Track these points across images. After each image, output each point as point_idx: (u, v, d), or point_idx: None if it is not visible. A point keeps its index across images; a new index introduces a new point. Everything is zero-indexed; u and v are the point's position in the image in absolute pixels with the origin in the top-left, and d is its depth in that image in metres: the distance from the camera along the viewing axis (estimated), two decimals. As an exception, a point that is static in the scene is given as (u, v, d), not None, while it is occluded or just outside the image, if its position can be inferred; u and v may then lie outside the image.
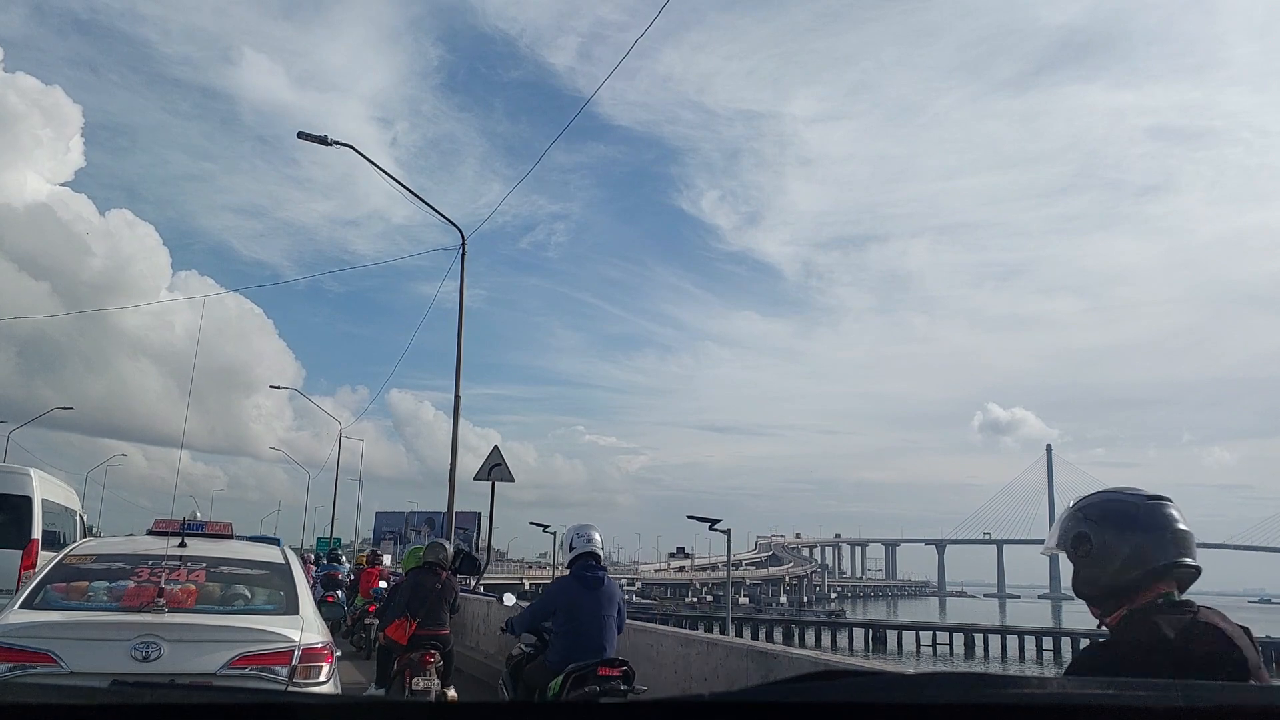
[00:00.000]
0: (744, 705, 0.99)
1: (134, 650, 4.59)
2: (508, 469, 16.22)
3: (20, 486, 11.00)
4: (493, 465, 16.06)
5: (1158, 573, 2.03)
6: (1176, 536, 2.06)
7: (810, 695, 0.98)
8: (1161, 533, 2.06)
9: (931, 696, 0.95)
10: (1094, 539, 2.09)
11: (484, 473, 16.05)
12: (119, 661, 4.53)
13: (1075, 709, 0.93)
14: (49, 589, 5.17)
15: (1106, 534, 2.07)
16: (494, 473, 16.07)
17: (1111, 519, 2.09)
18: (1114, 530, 2.07)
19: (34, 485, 11.08)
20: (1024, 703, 0.93)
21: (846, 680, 1.04)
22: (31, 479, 11.18)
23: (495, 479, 16.14)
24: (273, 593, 5.53)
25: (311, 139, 16.56)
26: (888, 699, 0.97)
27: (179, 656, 4.66)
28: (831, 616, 76.28)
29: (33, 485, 11.06)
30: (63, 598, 5.12)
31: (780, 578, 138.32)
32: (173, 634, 4.71)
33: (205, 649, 4.74)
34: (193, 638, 4.80)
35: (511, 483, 16.46)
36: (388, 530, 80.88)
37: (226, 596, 5.43)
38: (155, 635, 4.64)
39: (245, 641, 4.81)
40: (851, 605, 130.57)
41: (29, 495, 10.93)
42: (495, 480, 16.14)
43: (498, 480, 16.17)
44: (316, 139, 16.56)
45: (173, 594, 5.09)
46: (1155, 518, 2.08)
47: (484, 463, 16.22)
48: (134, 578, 5.25)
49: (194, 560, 5.46)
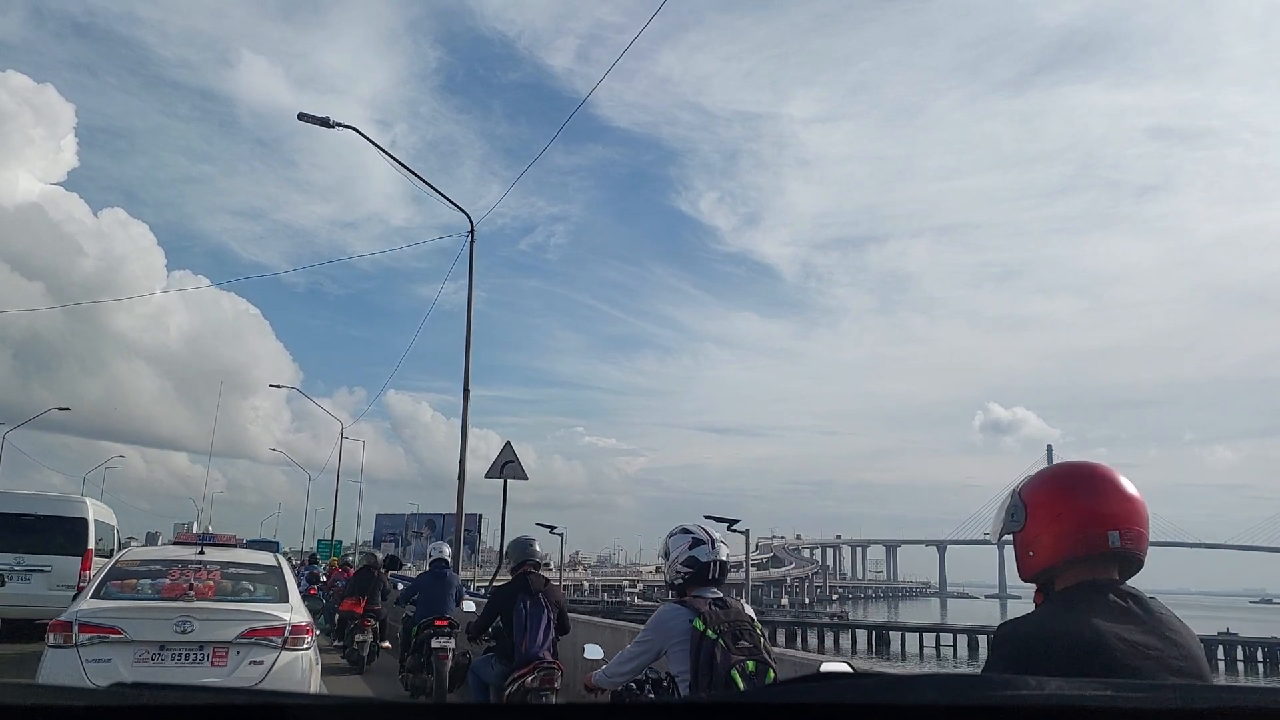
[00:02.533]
0: (739, 707, 0.99)
1: (175, 626, 6.58)
2: (520, 466, 15.49)
3: (79, 511, 15.31)
4: (505, 462, 15.39)
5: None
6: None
7: (805, 696, 0.98)
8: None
9: (926, 698, 0.95)
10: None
11: (496, 470, 15.43)
12: (166, 633, 6.56)
13: (1070, 710, 0.92)
14: (109, 584, 7.07)
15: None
16: (506, 470, 15.40)
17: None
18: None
19: (88, 510, 15.48)
20: (1019, 704, 0.93)
21: (841, 681, 1.04)
22: (87, 505, 15.69)
23: (507, 476, 15.44)
24: (269, 587, 7.47)
25: (313, 120, 16.27)
26: (882, 700, 0.96)
27: (206, 630, 6.64)
28: (834, 618, 75.46)
29: (88, 510, 15.45)
30: (120, 591, 7.01)
31: (782, 579, 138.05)
32: (201, 615, 6.69)
33: (224, 626, 6.71)
34: (215, 618, 6.74)
35: (525, 480, 15.72)
36: (388, 532, 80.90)
37: (236, 589, 7.34)
38: (189, 616, 6.64)
39: (251, 620, 6.80)
40: (853, 606, 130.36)
41: (85, 518, 15.16)
42: (507, 478, 15.45)
43: (510, 478, 15.46)
44: (318, 120, 16.27)
45: (198, 587, 7.08)
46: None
47: (496, 459, 15.61)
48: (169, 576, 7.19)
49: (211, 564, 7.48)
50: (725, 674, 3.77)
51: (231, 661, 6.65)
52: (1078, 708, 0.92)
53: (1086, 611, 1.65)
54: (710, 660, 3.78)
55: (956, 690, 0.97)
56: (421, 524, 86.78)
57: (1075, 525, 1.73)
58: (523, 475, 15.45)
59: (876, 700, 0.96)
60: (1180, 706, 0.91)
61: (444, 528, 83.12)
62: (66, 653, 6.37)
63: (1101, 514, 1.73)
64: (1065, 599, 1.74)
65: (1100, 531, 1.72)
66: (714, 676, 3.77)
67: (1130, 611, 1.67)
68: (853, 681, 1.07)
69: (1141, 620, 1.66)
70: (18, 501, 15.15)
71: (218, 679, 6.51)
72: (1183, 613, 1.80)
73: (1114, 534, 1.72)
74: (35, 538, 14.44)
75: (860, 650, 61.73)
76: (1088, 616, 1.64)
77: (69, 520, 14.90)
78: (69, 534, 14.59)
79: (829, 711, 0.96)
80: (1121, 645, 1.59)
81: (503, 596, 7.17)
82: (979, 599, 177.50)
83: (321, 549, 44.45)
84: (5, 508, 14.74)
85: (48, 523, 14.77)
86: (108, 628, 6.48)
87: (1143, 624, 1.66)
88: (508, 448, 15.55)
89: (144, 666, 6.41)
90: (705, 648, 3.80)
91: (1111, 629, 1.61)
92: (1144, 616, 1.67)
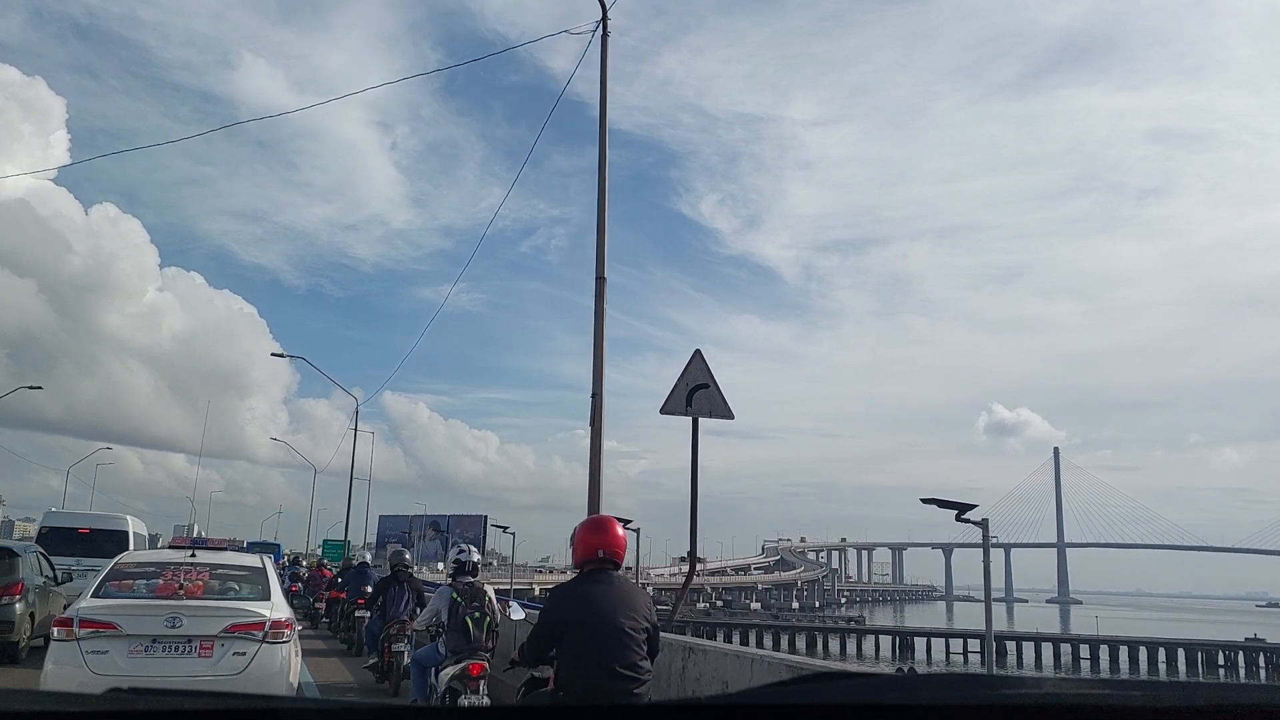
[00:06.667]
0: (741, 708, 0.99)
1: (165, 622, 7.23)
2: (720, 395, 9.51)
3: (121, 525, 20.79)
4: (694, 387, 9.44)
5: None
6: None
7: (807, 697, 0.97)
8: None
9: (928, 698, 0.95)
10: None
11: (680, 401, 9.40)
12: (157, 628, 7.21)
13: (1070, 709, 0.92)
14: (108, 585, 7.72)
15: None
16: (696, 400, 9.39)
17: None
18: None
19: (129, 524, 20.89)
20: (1019, 703, 0.93)
21: (843, 682, 1.04)
22: (127, 520, 21.27)
23: (698, 412, 9.39)
24: (253, 586, 8.13)
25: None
26: (884, 700, 0.96)
27: (194, 625, 7.29)
28: (850, 623, 73.77)
29: (128, 524, 20.86)
30: (118, 590, 7.66)
31: (792, 583, 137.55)
32: (189, 612, 7.36)
33: (210, 621, 7.36)
34: (202, 614, 7.40)
35: (730, 420, 9.69)
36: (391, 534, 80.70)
37: (223, 589, 7.98)
38: (179, 613, 7.32)
39: (235, 616, 7.47)
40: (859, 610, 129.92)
41: (126, 530, 20.38)
42: (698, 415, 9.41)
43: (703, 415, 9.43)
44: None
45: (188, 587, 7.76)
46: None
47: (679, 381, 9.51)
48: (162, 577, 7.87)
49: (201, 565, 8.20)
50: (462, 620, 7.50)
51: (216, 653, 7.31)
52: (1077, 706, 0.92)
53: (589, 578, 4.55)
54: (457, 613, 7.53)
55: (956, 690, 0.96)
56: (426, 525, 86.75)
57: (589, 545, 4.61)
58: (726, 412, 9.57)
59: (876, 700, 0.96)
60: (1181, 705, 0.91)
61: (449, 529, 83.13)
62: (69, 645, 7.05)
63: (598, 542, 4.62)
64: (584, 574, 4.58)
65: (597, 547, 4.60)
66: (456, 621, 7.51)
67: (607, 578, 4.53)
68: (852, 682, 1.06)
69: (611, 581, 4.52)
70: (76, 519, 21.48)
71: (204, 669, 7.22)
72: (1184, 616, 1.80)
73: (601, 550, 4.59)
74: (89, 545, 18.96)
75: (884, 657, 60.65)
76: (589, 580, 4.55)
77: (114, 532, 20.07)
78: (114, 542, 18.82)
79: (830, 711, 0.95)
80: (596, 589, 4.44)
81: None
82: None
83: (327, 549, 44.51)
84: (66, 524, 20.46)
85: (98, 534, 19.84)
86: (105, 623, 7.13)
87: (611, 583, 4.51)
88: (696, 359, 9.63)
89: (138, 658, 7.13)
90: (456, 608, 7.58)
91: (594, 585, 4.50)
92: (612, 580, 4.52)
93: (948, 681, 0.98)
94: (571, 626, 4.36)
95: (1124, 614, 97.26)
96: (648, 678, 4.34)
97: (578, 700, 4.18)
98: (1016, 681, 0.96)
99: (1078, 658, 57.76)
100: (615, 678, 4.19)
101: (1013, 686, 0.96)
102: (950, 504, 10.87)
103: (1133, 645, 57.97)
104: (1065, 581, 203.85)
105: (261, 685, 7.25)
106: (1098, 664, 56.46)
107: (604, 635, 4.27)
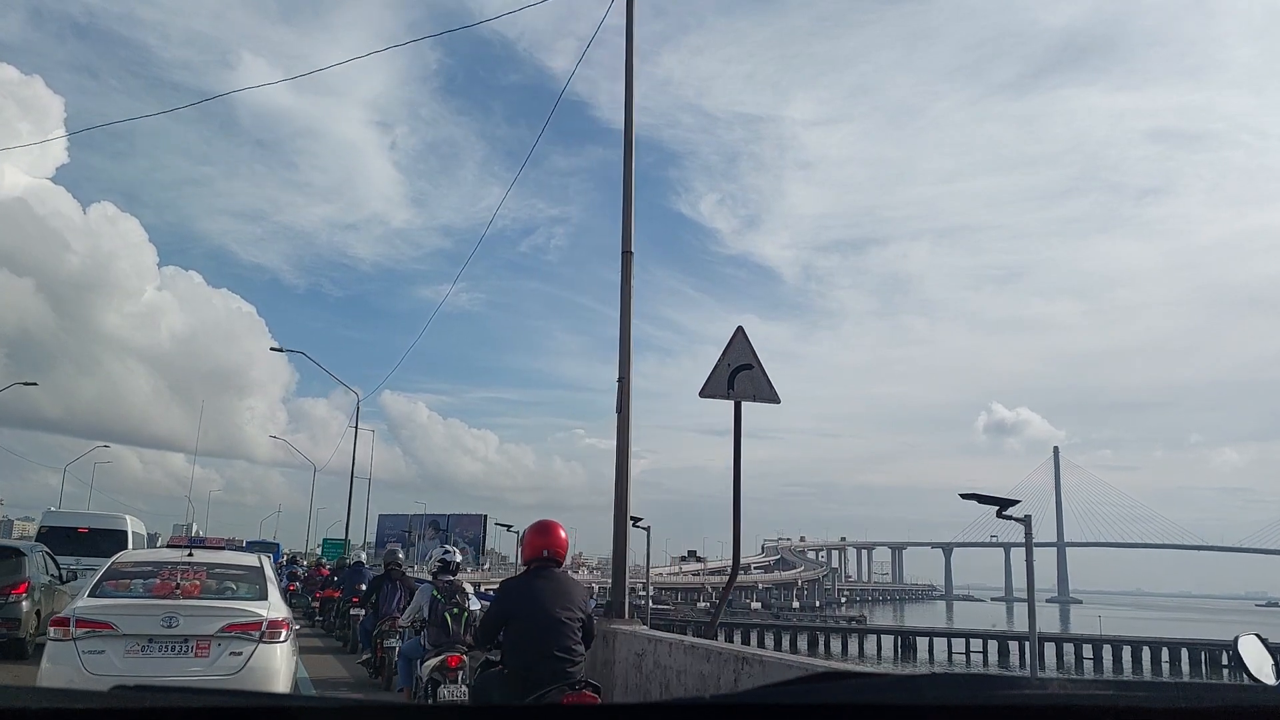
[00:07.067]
0: (743, 708, 0.99)
1: (162, 621, 7.16)
2: (765, 376, 8.77)
3: (120, 524, 21.31)
4: (737, 368, 8.72)
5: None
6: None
7: (809, 697, 0.97)
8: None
9: (931, 698, 0.95)
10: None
11: (720, 384, 8.70)
12: (154, 627, 7.15)
13: (1075, 710, 0.92)
14: (105, 584, 7.67)
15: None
16: (738, 382, 8.70)
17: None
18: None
19: (128, 524, 21.46)
20: (1023, 703, 0.93)
21: (845, 682, 1.04)
22: (126, 520, 21.88)
23: (740, 396, 8.71)
24: (250, 585, 8.06)
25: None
26: (887, 700, 0.96)
27: (190, 625, 7.21)
28: (851, 622, 72.72)
29: (127, 524, 21.44)
30: (114, 590, 7.60)
31: (792, 582, 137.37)
32: (186, 612, 7.28)
33: (206, 621, 7.30)
34: (198, 614, 7.33)
35: (777, 404, 8.87)
36: (391, 533, 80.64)
37: (220, 588, 7.94)
38: (175, 612, 7.24)
39: (231, 616, 7.40)
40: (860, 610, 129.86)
41: (125, 530, 20.86)
42: (741, 398, 8.74)
43: (746, 398, 8.73)
44: None
45: (184, 587, 7.71)
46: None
47: (719, 361, 8.79)
48: (159, 577, 7.82)
49: (198, 565, 8.14)
50: (442, 616, 8.29)
51: (213, 653, 7.25)
52: (1079, 707, 0.92)
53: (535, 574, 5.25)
54: (437, 609, 8.32)
55: (958, 690, 0.96)
56: (426, 525, 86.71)
57: (536, 545, 5.31)
58: (772, 395, 8.79)
59: (878, 700, 0.96)
60: (1182, 705, 0.91)
61: (449, 528, 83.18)
62: (65, 645, 7.00)
63: (544, 543, 5.32)
64: (530, 570, 5.28)
65: (542, 547, 5.31)
66: (436, 617, 8.29)
67: (549, 574, 5.20)
68: (854, 681, 1.06)
69: (553, 577, 5.19)
70: (75, 519, 21.83)
71: (201, 669, 7.15)
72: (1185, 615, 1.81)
73: (546, 550, 5.29)
74: (88, 544, 19.21)
75: (886, 657, 60.26)
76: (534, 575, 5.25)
77: (113, 531, 20.57)
78: (113, 541, 19.02)
79: (831, 711, 0.95)
80: (539, 584, 5.13)
81: None
82: (985, 602, 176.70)
83: (327, 549, 44.55)
84: (66, 523, 20.80)
85: (97, 533, 20.24)
86: (101, 623, 7.09)
87: (552, 578, 5.17)
88: (739, 336, 8.91)
89: (134, 657, 7.05)
90: (436, 605, 8.39)
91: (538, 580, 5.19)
92: (553, 576, 5.21)
93: (951, 682, 0.98)
94: (516, 616, 5.03)
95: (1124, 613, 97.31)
96: (581, 660, 5.05)
97: (519, 676, 4.88)
98: (1020, 682, 0.96)
99: (1080, 658, 57.71)
100: (552, 660, 4.89)
101: (1016, 686, 0.96)
102: (992, 499, 10.75)
103: (1135, 645, 57.91)
104: (1065, 581, 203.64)
105: (258, 685, 7.21)
106: (1100, 664, 56.42)
107: (543, 623, 4.96)
